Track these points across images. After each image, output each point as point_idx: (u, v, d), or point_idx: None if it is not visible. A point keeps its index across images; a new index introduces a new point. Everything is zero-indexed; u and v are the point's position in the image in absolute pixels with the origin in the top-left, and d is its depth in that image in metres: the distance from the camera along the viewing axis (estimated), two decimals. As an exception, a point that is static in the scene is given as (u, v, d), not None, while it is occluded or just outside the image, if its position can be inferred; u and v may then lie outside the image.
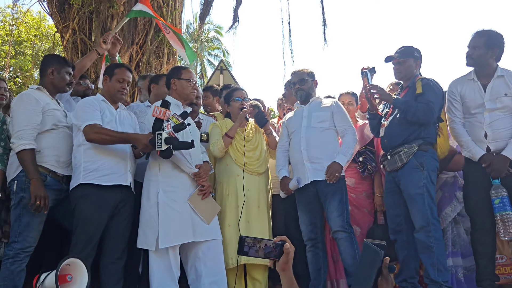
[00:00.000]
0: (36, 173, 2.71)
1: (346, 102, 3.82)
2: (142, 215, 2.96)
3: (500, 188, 2.92)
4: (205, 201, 3.05)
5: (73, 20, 5.97)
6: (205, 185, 3.05)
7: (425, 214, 2.94)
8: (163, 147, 2.65)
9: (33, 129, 2.79)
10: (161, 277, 2.85)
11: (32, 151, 2.74)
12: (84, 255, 2.62)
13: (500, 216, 2.88)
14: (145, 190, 2.98)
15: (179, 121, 2.71)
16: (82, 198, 2.77)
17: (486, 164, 2.97)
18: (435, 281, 2.85)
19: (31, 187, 2.67)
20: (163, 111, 2.72)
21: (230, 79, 8.35)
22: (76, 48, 5.95)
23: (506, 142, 2.98)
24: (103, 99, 3.02)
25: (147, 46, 6.09)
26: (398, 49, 3.30)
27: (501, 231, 2.87)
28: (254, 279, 3.28)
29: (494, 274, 3.08)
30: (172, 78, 3.14)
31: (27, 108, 2.81)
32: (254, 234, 3.23)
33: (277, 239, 1.43)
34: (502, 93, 3.04)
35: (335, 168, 3.15)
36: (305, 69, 3.50)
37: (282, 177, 3.38)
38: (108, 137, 2.78)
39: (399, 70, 3.27)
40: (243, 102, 3.52)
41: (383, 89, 3.20)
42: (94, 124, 2.78)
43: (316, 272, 3.22)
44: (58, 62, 3.05)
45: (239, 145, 3.43)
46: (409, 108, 3.03)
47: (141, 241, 2.93)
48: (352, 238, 3.10)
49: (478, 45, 3.08)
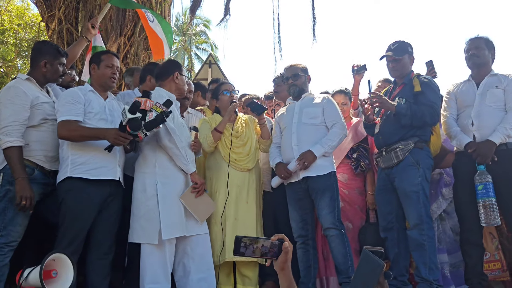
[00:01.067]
0: (23, 172, 2.63)
1: (340, 103, 3.80)
2: (137, 208, 2.90)
3: (485, 174, 2.95)
4: (199, 199, 3.00)
5: (59, 9, 5.83)
6: (198, 182, 3.00)
7: (419, 212, 2.94)
8: (128, 116, 2.56)
9: (21, 125, 2.69)
10: (154, 273, 2.80)
11: (19, 148, 2.65)
12: (70, 250, 2.55)
13: (483, 202, 2.91)
14: (140, 183, 2.92)
15: (162, 110, 2.66)
16: (70, 192, 2.69)
17: (472, 149, 3.02)
18: (426, 279, 2.86)
19: (17, 187, 2.59)
20: (143, 101, 2.65)
21: (219, 73, 8.30)
22: (62, 38, 5.81)
23: (491, 130, 3.03)
24: (91, 89, 2.93)
25: (135, 38, 5.98)
26: (392, 46, 3.27)
27: (483, 218, 2.90)
28: (243, 276, 3.24)
29: (482, 273, 3.12)
30: (176, 72, 3.11)
31: (15, 102, 2.70)
32: (241, 231, 3.20)
33: (275, 238, 1.40)
34: (493, 86, 3.14)
35: (306, 157, 3.11)
36: (299, 64, 3.46)
37: (277, 163, 3.30)
38: (78, 134, 2.70)
39: (396, 68, 3.24)
40: (232, 95, 3.46)
41: (384, 98, 3.12)
42: (69, 120, 2.70)
43: (306, 270, 3.20)
44: (51, 53, 2.92)
45: (228, 140, 3.38)
46: (415, 113, 3.00)
47: (138, 235, 2.86)
48: (343, 235, 3.08)
49: (481, 45, 3.21)
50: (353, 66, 4.27)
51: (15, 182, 2.60)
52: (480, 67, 3.23)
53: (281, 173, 3.24)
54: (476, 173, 2.98)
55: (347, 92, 3.95)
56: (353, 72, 4.26)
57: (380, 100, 3.07)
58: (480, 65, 3.23)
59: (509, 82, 3.14)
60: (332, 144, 3.20)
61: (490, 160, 2.99)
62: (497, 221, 2.88)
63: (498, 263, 3.31)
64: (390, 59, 3.24)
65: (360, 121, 3.73)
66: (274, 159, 3.35)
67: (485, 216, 2.90)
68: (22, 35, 14.40)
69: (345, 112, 3.79)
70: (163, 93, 3.00)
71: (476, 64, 3.23)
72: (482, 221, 2.91)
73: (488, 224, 2.92)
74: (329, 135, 3.22)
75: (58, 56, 2.94)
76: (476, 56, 3.21)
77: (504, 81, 3.15)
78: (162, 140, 2.88)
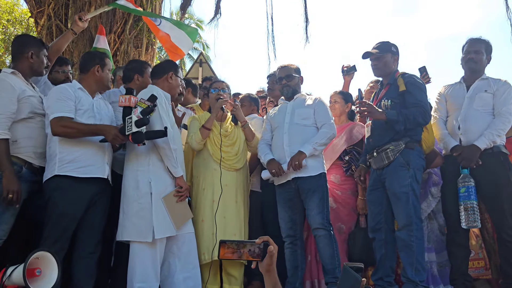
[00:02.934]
0: (9, 164, 2.59)
1: (332, 101, 3.83)
2: (128, 206, 2.85)
3: (468, 178, 3.01)
4: (179, 204, 2.93)
5: (49, 5, 5.80)
6: (183, 186, 2.96)
7: (409, 213, 2.95)
8: (133, 129, 2.61)
9: (8, 118, 2.65)
10: (144, 272, 2.76)
11: (6, 141, 2.62)
12: (56, 248, 2.51)
13: (464, 205, 2.98)
14: (132, 181, 2.88)
15: (147, 105, 2.67)
16: (57, 190, 2.66)
17: (457, 153, 3.08)
18: (412, 280, 2.87)
19: (4, 180, 2.55)
20: (127, 98, 2.68)
21: (210, 72, 8.26)
22: (51, 34, 5.78)
23: (477, 135, 3.08)
24: (80, 86, 2.90)
25: (125, 36, 5.96)
26: (375, 45, 3.30)
27: (463, 220, 2.97)
28: (229, 275, 3.23)
29: (467, 274, 3.17)
30: (171, 72, 3.12)
31: (2, 95, 2.67)
32: (230, 229, 3.20)
33: (260, 241, 1.41)
34: (483, 90, 3.18)
35: (296, 157, 3.10)
36: (292, 65, 3.46)
37: (270, 159, 3.26)
38: (74, 130, 2.69)
39: (377, 66, 3.26)
40: (219, 92, 3.45)
41: (373, 107, 3.10)
42: (62, 116, 2.68)
43: (293, 269, 3.20)
44: (36, 45, 2.91)
45: (217, 139, 3.36)
46: (407, 117, 3.00)
47: (129, 233, 2.82)
48: (331, 236, 3.08)
49: (481, 50, 3.26)
50: (343, 66, 4.30)
51: (2, 175, 2.56)
52: (474, 72, 3.28)
53: (273, 169, 3.19)
54: (460, 177, 3.04)
55: (341, 92, 3.95)
56: (343, 73, 4.29)
57: (369, 109, 3.06)
58: (475, 70, 3.28)
59: (499, 86, 3.18)
60: (320, 142, 3.19)
61: (475, 164, 3.03)
62: (477, 223, 2.95)
63: (482, 261, 3.37)
64: (372, 57, 3.26)
65: (355, 124, 3.74)
66: (266, 154, 3.31)
67: (466, 218, 2.97)
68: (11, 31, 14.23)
69: (336, 109, 3.80)
70: (159, 91, 2.98)
71: (472, 69, 3.28)
72: (462, 223, 2.99)
73: (468, 227, 2.99)
74: (318, 134, 3.22)
75: (42, 47, 2.94)
76: (473, 62, 3.26)
77: (494, 86, 3.19)
78: (157, 140, 2.86)
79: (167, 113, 2.98)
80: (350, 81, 4.29)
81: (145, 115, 2.65)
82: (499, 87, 3.17)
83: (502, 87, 3.18)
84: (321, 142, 3.20)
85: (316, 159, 3.24)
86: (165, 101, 2.99)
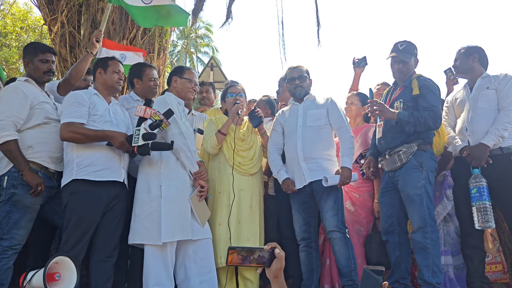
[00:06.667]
0: (26, 162, 2.68)
1: (348, 102, 3.83)
2: (140, 209, 2.89)
3: (479, 178, 2.97)
4: (201, 203, 3.04)
5: (62, 12, 5.86)
6: (204, 186, 3.04)
7: (423, 215, 2.93)
8: (140, 142, 2.66)
9: (15, 121, 2.72)
10: (158, 275, 2.80)
11: (15, 141, 2.68)
12: (74, 253, 2.56)
13: (476, 206, 2.94)
14: (144, 184, 2.93)
15: (160, 118, 2.72)
16: (75, 194, 2.69)
17: (466, 153, 3.05)
18: (429, 283, 2.85)
19: (27, 177, 2.65)
20: (143, 108, 2.72)
21: (221, 76, 8.30)
22: (65, 41, 5.85)
23: (484, 134, 3.06)
24: (96, 92, 2.95)
25: (137, 41, 6.00)
26: (399, 46, 3.24)
27: (476, 221, 2.92)
28: (245, 279, 3.23)
29: (484, 276, 3.13)
30: (174, 76, 3.21)
31: (12, 99, 2.74)
32: (244, 235, 3.21)
33: (268, 247, 1.43)
34: (485, 88, 3.18)
35: (345, 175, 3.06)
36: (302, 66, 3.45)
37: (284, 179, 3.26)
38: (81, 136, 2.72)
39: (401, 70, 3.23)
40: (236, 97, 3.46)
41: (385, 106, 3.09)
42: (72, 122, 2.72)
43: (308, 273, 3.19)
44: (30, 52, 2.96)
45: (233, 143, 3.38)
46: (418, 120, 2.98)
47: (141, 235, 2.85)
48: (347, 238, 3.06)
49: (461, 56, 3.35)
50: (354, 58, 4.27)
51: (23, 173, 2.65)
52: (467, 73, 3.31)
53: (287, 189, 3.23)
54: (471, 177, 3.01)
55: (359, 93, 3.92)
56: (354, 65, 4.27)
57: (381, 108, 3.05)
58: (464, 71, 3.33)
59: (500, 81, 3.15)
60: (353, 148, 3.19)
61: (485, 162, 3.00)
62: (491, 224, 2.90)
63: (500, 265, 3.32)
64: (398, 59, 3.21)
65: (370, 127, 3.71)
66: (279, 172, 3.31)
67: (479, 219, 2.92)
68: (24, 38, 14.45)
69: (352, 111, 3.79)
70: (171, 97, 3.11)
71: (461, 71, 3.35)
72: (476, 224, 2.94)
73: (482, 227, 2.94)
74: (345, 143, 3.18)
75: (37, 52, 2.96)
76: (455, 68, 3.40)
77: (495, 81, 3.17)
78: (178, 142, 2.92)
79: (180, 118, 3.03)
80: (360, 74, 4.26)
81: (152, 129, 2.70)
82: (500, 81, 3.14)
83: (503, 80, 3.14)
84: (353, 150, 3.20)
85: (331, 162, 3.24)
86: (177, 106, 3.06)
